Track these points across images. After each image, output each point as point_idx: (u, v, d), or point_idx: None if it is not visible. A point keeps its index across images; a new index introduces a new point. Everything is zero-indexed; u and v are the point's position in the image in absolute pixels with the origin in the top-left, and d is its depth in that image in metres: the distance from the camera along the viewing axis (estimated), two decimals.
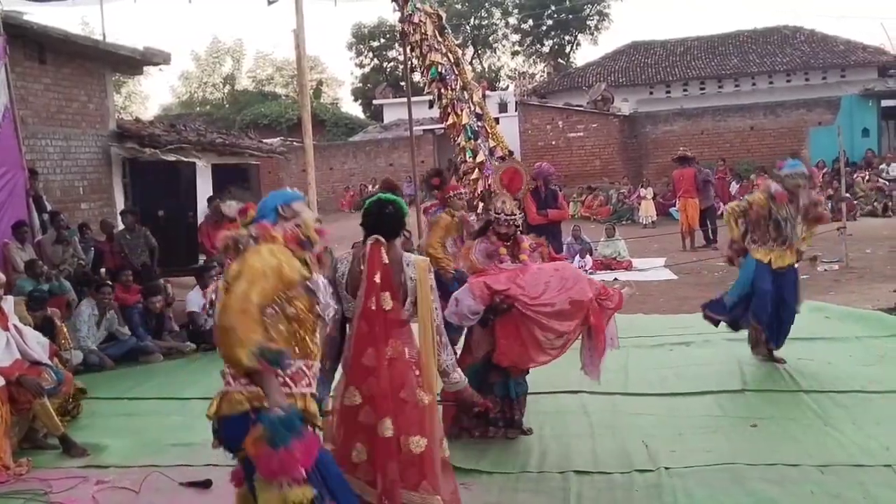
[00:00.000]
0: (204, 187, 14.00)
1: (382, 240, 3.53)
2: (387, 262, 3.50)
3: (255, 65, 49.82)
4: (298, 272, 2.87)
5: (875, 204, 19.53)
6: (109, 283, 8.82)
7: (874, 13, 62.37)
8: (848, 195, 16.28)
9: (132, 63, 13.83)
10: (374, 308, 3.45)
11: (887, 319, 8.30)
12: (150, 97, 61.51)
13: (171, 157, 13.02)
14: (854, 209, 17.99)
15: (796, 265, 6.84)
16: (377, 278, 3.46)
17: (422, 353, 3.57)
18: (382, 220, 3.59)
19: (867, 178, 20.90)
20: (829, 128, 22.57)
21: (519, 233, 5.41)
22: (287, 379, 2.82)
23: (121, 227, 11.18)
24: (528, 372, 5.42)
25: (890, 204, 19.54)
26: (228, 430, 2.84)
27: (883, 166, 21.92)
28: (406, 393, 3.45)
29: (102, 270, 10.18)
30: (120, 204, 12.65)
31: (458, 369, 3.85)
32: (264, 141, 20.49)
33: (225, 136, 16.77)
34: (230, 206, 3.07)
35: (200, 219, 13.01)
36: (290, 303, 2.86)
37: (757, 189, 8.51)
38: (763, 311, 6.73)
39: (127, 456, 5.45)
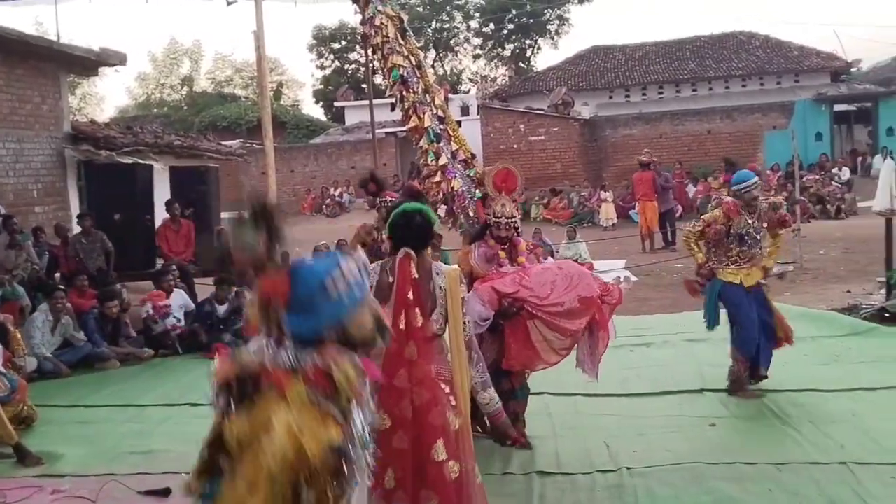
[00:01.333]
0: (161, 190, 13.77)
1: (412, 253, 3.36)
2: (416, 276, 3.34)
3: (213, 66, 49.06)
4: (327, 442, 2.10)
5: (829, 206, 19.96)
6: (61, 287, 8.64)
7: (828, 20, 63.82)
8: (802, 198, 16.61)
9: (87, 64, 13.57)
10: (403, 328, 3.27)
11: (841, 319, 8.51)
12: (105, 99, 60.61)
13: (128, 160, 12.80)
14: (808, 212, 18.36)
15: (763, 281, 6.23)
16: (410, 295, 3.30)
17: (454, 370, 3.40)
18: (411, 232, 3.42)
19: (821, 180, 21.34)
20: (783, 132, 22.98)
21: (515, 235, 5.25)
22: None
23: (76, 230, 10.96)
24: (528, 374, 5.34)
25: (843, 206, 19.98)
26: None
27: (835, 170, 22.41)
28: (436, 417, 3.29)
29: (57, 275, 9.98)
30: (75, 207, 12.39)
31: (491, 389, 3.68)
32: (223, 143, 20.24)
33: (183, 138, 16.53)
34: (246, 245, 1.99)
35: (158, 222, 12.81)
36: (311, 484, 2.11)
37: (716, 197, 8.21)
38: (751, 342, 6.09)
39: (83, 464, 5.35)
